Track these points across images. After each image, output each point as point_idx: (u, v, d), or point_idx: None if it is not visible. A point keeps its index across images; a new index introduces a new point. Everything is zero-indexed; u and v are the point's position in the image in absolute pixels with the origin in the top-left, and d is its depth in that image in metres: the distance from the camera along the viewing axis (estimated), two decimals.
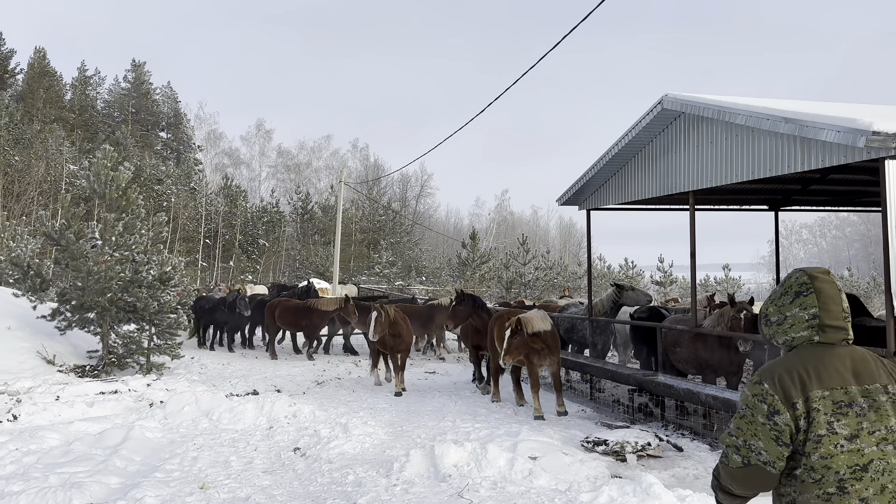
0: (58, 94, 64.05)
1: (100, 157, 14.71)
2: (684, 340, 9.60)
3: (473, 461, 6.74)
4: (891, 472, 2.42)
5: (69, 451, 7.81)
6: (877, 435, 2.43)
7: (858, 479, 2.39)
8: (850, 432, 2.42)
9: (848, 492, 2.38)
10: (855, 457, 2.41)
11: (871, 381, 2.51)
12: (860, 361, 2.56)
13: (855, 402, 2.46)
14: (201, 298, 19.79)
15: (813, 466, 2.42)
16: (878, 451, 2.42)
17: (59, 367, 13.55)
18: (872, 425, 2.44)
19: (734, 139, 8.83)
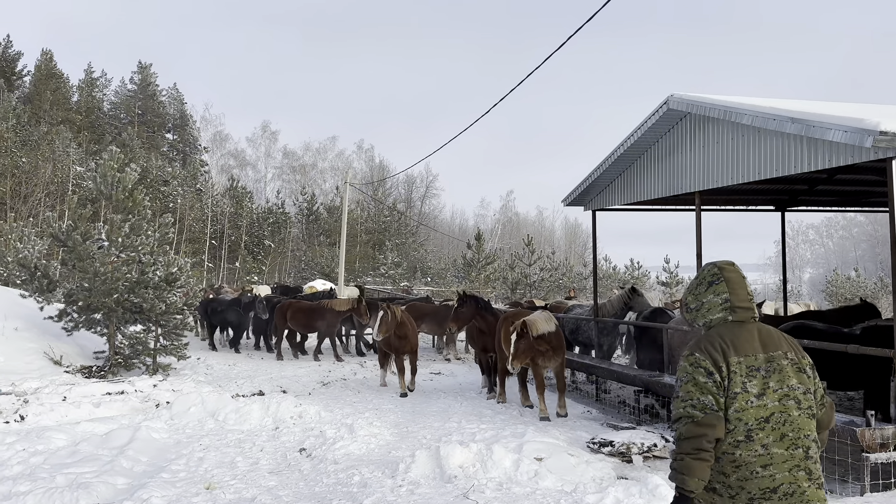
0: (65, 96, 64.38)
1: (106, 158, 14.77)
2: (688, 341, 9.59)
3: (479, 462, 6.74)
4: (790, 423, 2.97)
5: (76, 451, 7.84)
6: (779, 392, 3.00)
7: (762, 428, 2.95)
8: (758, 391, 2.99)
9: (752, 439, 2.94)
10: (761, 410, 2.96)
11: (775, 349, 3.09)
12: (766, 334, 3.14)
13: (762, 366, 3.03)
14: (213, 300, 19.75)
15: (728, 419, 2.97)
16: (780, 405, 2.99)
17: (66, 367, 13.60)
18: (776, 384, 3.01)
19: (740, 139, 8.80)
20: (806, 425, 3.03)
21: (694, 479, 2.93)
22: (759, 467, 2.94)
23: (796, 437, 2.99)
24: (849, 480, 6.85)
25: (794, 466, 2.97)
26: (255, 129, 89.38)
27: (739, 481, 2.97)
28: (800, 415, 3.01)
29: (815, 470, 3.04)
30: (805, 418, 3.03)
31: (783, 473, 2.95)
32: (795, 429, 2.99)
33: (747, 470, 2.95)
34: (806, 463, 3.00)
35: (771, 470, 2.95)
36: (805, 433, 3.02)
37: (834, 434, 6.72)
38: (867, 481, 6.31)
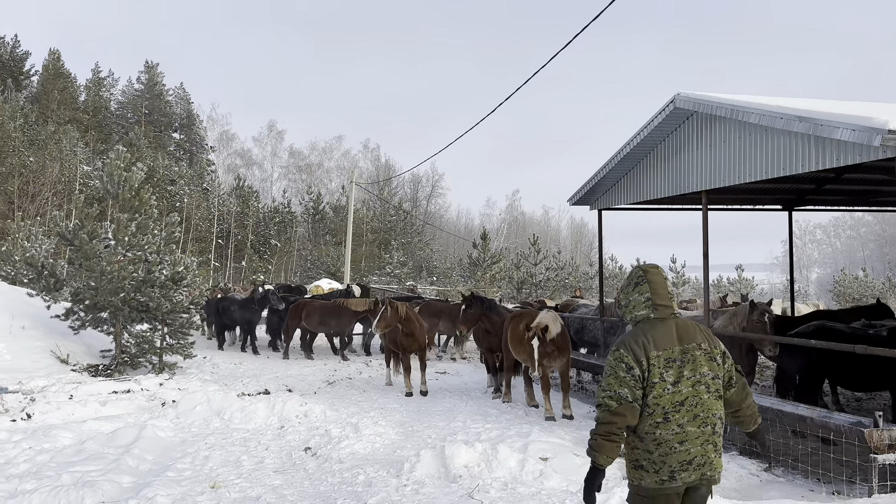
0: (72, 96, 64.65)
1: (113, 157, 14.81)
2: None
3: (484, 462, 6.72)
4: (701, 405, 3.51)
5: (82, 449, 7.86)
6: (692, 379, 3.53)
7: (677, 410, 3.48)
8: (674, 379, 3.50)
9: (670, 420, 3.47)
10: (676, 396, 3.49)
11: (689, 341, 3.58)
12: (683, 328, 3.63)
13: (678, 357, 3.53)
14: (223, 299, 19.61)
15: (647, 405, 3.50)
16: (693, 390, 3.52)
17: (73, 366, 13.64)
18: (689, 372, 3.53)
19: (747, 138, 8.75)
20: (714, 406, 3.57)
21: (603, 457, 3.52)
22: (677, 443, 3.48)
23: (706, 416, 3.53)
24: (856, 481, 6.81)
25: (705, 441, 3.52)
26: (261, 129, 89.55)
27: (662, 456, 3.49)
28: (709, 397, 3.55)
29: (719, 443, 3.62)
30: (713, 400, 3.57)
31: (696, 447, 3.50)
32: (705, 409, 3.53)
33: (667, 446, 3.49)
34: (713, 437, 3.56)
35: (686, 445, 3.49)
36: (713, 412, 3.56)
37: (841, 435, 6.68)
38: (875, 482, 6.27)
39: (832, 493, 6.71)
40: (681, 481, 3.49)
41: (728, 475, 7.45)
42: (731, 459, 7.91)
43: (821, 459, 7.32)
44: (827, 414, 7.25)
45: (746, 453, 8.16)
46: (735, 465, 7.70)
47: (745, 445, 8.37)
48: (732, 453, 8.19)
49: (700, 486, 3.58)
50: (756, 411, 3.87)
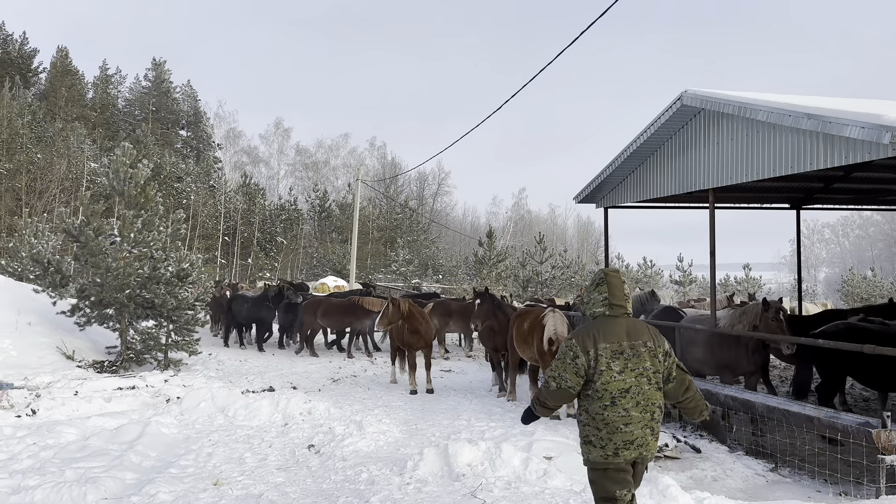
0: (80, 93, 64.86)
1: (118, 154, 14.83)
2: (700, 340, 9.44)
3: (487, 460, 6.67)
4: (643, 394, 4.04)
5: (86, 446, 7.85)
6: (636, 371, 4.06)
7: (623, 396, 4.02)
8: (620, 369, 4.03)
9: (616, 404, 4.01)
10: (621, 384, 4.02)
11: (636, 338, 4.11)
12: (632, 326, 4.17)
13: (625, 351, 4.06)
14: (238, 296, 19.39)
15: (597, 389, 4.04)
16: (636, 380, 4.05)
17: (79, 362, 13.66)
18: (634, 365, 4.06)
19: (755, 136, 8.68)
20: (654, 396, 4.11)
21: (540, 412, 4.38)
22: (622, 425, 4.01)
23: (646, 404, 4.07)
24: (864, 482, 6.74)
25: (645, 425, 4.06)
26: (268, 126, 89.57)
27: (609, 434, 4.03)
28: (650, 388, 4.08)
29: (657, 428, 4.15)
30: (654, 391, 4.10)
31: (638, 430, 4.03)
32: (646, 398, 4.06)
33: (614, 426, 4.02)
34: (651, 423, 4.09)
35: (630, 427, 4.02)
36: (653, 401, 4.10)
37: (849, 435, 6.61)
38: (883, 483, 6.20)
39: (839, 493, 6.65)
40: (622, 458, 4.03)
41: (734, 475, 7.41)
42: (738, 459, 7.86)
43: (828, 460, 7.26)
44: (834, 414, 7.18)
45: (752, 453, 8.10)
46: (741, 466, 7.64)
47: (751, 445, 8.32)
48: (738, 453, 8.13)
49: (638, 463, 4.16)
50: (701, 403, 4.36)
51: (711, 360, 9.35)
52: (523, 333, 10.50)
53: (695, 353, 9.57)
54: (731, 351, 9.02)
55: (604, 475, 4.09)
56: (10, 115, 42.28)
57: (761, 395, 8.56)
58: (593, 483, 4.21)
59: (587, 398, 4.12)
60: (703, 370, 9.75)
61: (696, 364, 9.66)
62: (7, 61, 61.71)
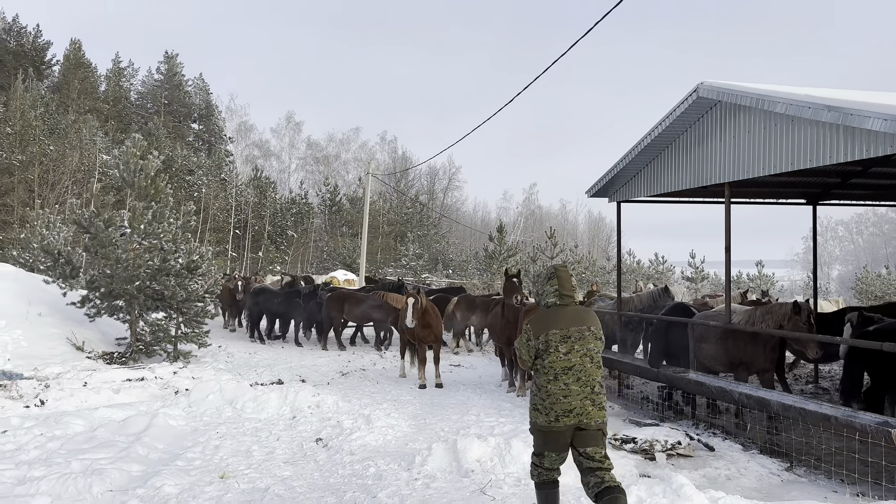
0: (92, 86, 65.10)
1: (129, 145, 14.80)
2: (715, 336, 9.27)
3: (497, 456, 6.56)
4: (584, 371, 4.73)
5: (93, 437, 7.81)
6: (580, 352, 4.76)
7: (566, 373, 4.72)
8: (566, 350, 4.75)
9: (558, 379, 4.71)
10: (565, 362, 4.73)
11: (581, 324, 4.83)
12: (579, 314, 4.91)
13: (572, 335, 4.77)
14: (265, 290, 19.15)
15: (544, 366, 4.77)
16: (579, 360, 4.75)
17: (88, 353, 13.66)
18: (580, 347, 4.77)
19: (773, 128, 8.49)
20: (594, 372, 4.79)
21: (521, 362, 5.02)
22: (562, 397, 4.70)
23: (587, 379, 4.75)
24: (882, 483, 6.59)
25: (585, 397, 4.72)
26: (279, 120, 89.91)
27: (551, 404, 4.73)
28: (591, 366, 4.78)
29: (597, 399, 4.77)
30: (595, 368, 4.80)
31: (577, 401, 4.71)
32: (587, 374, 4.75)
33: (555, 398, 4.71)
34: (591, 395, 4.74)
35: (570, 398, 4.70)
36: (593, 377, 4.77)
37: (867, 435, 6.45)
38: None
39: (856, 494, 6.50)
40: (563, 423, 4.68)
41: (748, 474, 7.27)
42: (752, 458, 7.71)
43: (845, 459, 7.10)
44: (852, 413, 7.02)
45: (767, 452, 7.95)
46: (755, 465, 7.50)
47: (765, 444, 8.17)
48: (752, 451, 7.99)
49: (586, 428, 4.72)
50: None
51: (726, 357, 9.18)
52: None
53: (707, 349, 9.41)
54: (748, 348, 8.85)
55: (543, 436, 4.81)
56: (23, 106, 42.47)
57: (776, 392, 8.40)
58: (533, 441, 4.96)
59: (537, 373, 4.86)
60: (715, 367, 9.59)
61: (708, 361, 9.49)
62: (21, 54, 62.05)
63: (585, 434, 4.70)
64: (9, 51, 61.26)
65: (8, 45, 62.00)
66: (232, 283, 21.55)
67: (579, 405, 4.66)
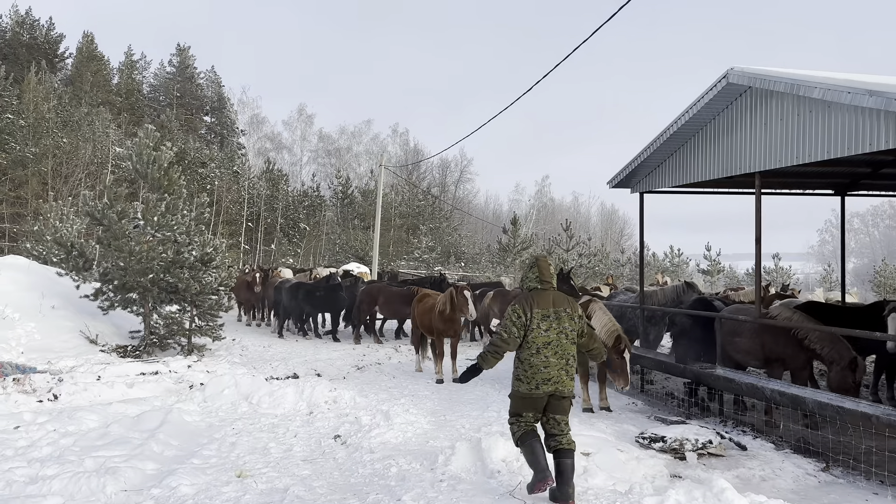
0: (105, 78, 65.11)
1: (141, 136, 14.63)
2: (748, 331, 8.94)
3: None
4: (561, 346, 5.45)
5: (106, 433, 7.63)
6: (557, 329, 5.47)
7: (545, 346, 5.43)
8: (546, 328, 5.44)
9: (540, 352, 5.41)
10: (545, 338, 5.43)
11: (559, 306, 5.53)
12: (557, 297, 5.59)
13: (550, 315, 5.47)
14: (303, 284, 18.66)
15: (528, 340, 5.45)
16: (556, 336, 5.46)
17: (102, 346, 13.54)
18: (556, 325, 5.47)
19: (807, 115, 8.15)
20: (569, 348, 5.53)
21: (487, 365, 5.67)
22: (542, 367, 5.42)
23: (563, 353, 5.48)
24: None
25: (560, 368, 5.46)
26: (291, 113, 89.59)
27: (532, 375, 5.45)
28: (566, 342, 5.50)
29: (571, 370, 5.55)
30: (569, 343, 5.52)
31: (554, 371, 5.44)
32: (563, 349, 5.47)
33: (536, 369, 5.43)
34: (566, 367, 5.49)
35: (548, 369, 5.42)
36: (568, 351, 5.50)
37: None
38: None
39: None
40: (542, 391, 5.45)
41: (783, 475, 6.98)
42: (786, 458, 7.43)
43: (885, 460, 6.80)
44: (893, 412, 6.72)
45: (800, 451, 7.67)
46: (790, 465, 7.21)
47: (798, 443, 7.88)
48: (785, 451, 7.71)
49: (558, 395, 5.50)
50: (601, 351, 6.08)
51: (762, 352, 8.86)
52: None
53: (741, 344, 9.09)
54: (788, 344, 8.52)
55: (522, 401, 5.55)
56: (36, 99, 42.51)
57: (810, 389, 8.10)
58: (511, 405, 5.68)
59: (520, 348, 5.54)
60: (749, 362, 9.28)
61: (741, 356, 9.18)
62: (34, 47, 62.13)
63: (558, 401, 5.49)
64: (22, 44, 61.37)
65: (21, 38, 62.11)
66: (250, 277, 21.31)
67: (556, 375, 5.44)
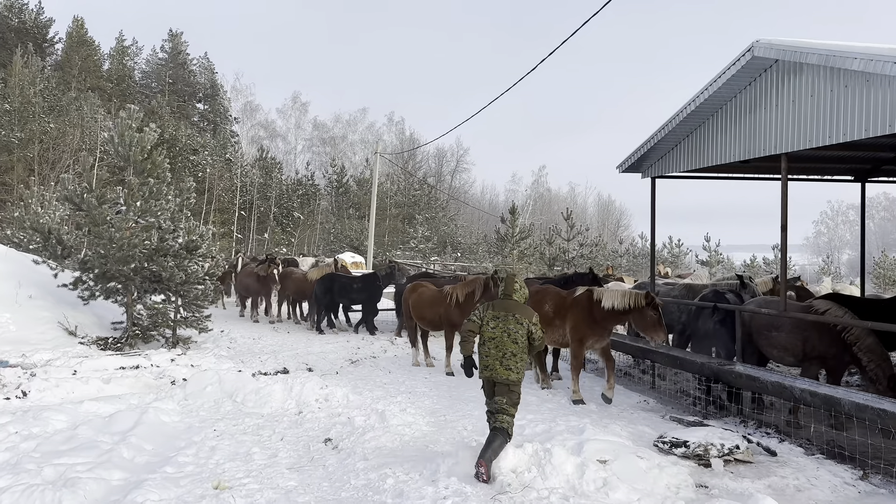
0: (96, 64, 63.91)
1: (124, 117, 13.82)
2: (788, 326, 8.23)
3: (535, 466, 5.64)
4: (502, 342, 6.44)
5: (74, 436, 6.94)
6: (501, 328, 6.48)
7: (490, 341, 6.49)
8: (493, 326, 6.51)
9: (486, 345, 6.51)
10: (492, 334, 6.49)
11: (510, 311, 6.54)
12: (511, 305, 6.60)
13: (500, 316, 6.54)
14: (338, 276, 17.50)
15: (482, 334, 6.57)
16: (500, 334, 6.46)
17: (81, 338, 12.81)
18: (502, 325, 6.49)
19: (842, 90, 7.46)
20: (508, 345, 6.39)
21: (466, 350, 6.65)
22: (485, 356, 6.47)
23: (502, 347, 6.40)
24: None
25: (495, 359, 6.39)
26: (285, 100, 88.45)
27: (482, 361, 6.51)
28: (507, 339, 6.40)
29: (505, 362, 6.37)
30: (510, 342, 6.40)
31: (492, 361, 6.41)
32: (503, 344, 6.40)
33: (484, 356, 6.49)
34: (503, 359, 6.37)
35: (488, 359, 6.43)
36: (507, 347, 6.39)
37: None
38: None
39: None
40: (484, 376, 6.48)
41: (820, 484, 6.34)
42: (820, 465, 6.79)
43: None
44: None
45: (833, 456, 7.03)
46: (826, 473, 6.57)
47: (828, 446, 7.25)
48: (817, 456, 7.07)
49: (494, 381, 6.40)
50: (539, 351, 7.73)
51: (802, 349, 8.16)
52: (548, 317, 9.69)
53: (779, 339, 8.34)
54: (835, 341, 7.82)
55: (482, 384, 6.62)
56: (22, 83, 41.45)
57: (842, 389, 7.43)
58: None
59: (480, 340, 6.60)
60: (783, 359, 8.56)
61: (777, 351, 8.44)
62: (23, 31, 60.83)
63: (498, 385, 6.39)
64: (10, 28, 60.11)
65: (10, 21, 60.85)
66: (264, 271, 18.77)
67: (493, 364, 6.39)
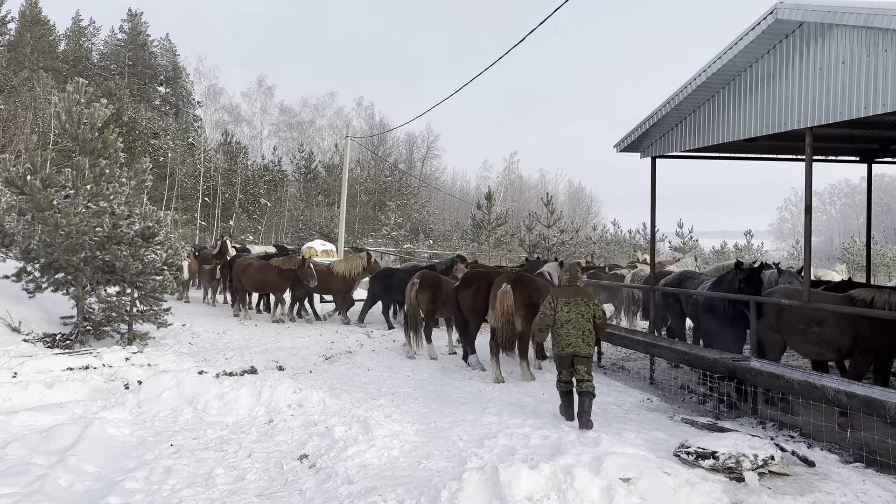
0: (50, 45, 61.15)
1: (71, 90, 12.54)
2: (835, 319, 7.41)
3: (555, 492, 4.75)
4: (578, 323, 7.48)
5: (1, 457, 5.85)
6: (575, 311, 7.53)
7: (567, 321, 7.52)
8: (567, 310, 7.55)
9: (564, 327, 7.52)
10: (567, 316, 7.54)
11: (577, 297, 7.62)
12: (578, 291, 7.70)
13: (570, 301, 7.60)
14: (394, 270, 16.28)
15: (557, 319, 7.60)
16: (575, 316, 7.52)
17: (26, 335, 11.60)
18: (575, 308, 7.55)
19: (882, 55, 6.66)
20: (584, 324, 7.44)
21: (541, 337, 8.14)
22: (564, 335, 7.42)
23: (580, 326, 7.42)
24: None
25: (577, 337, 7.40)
26: (250, 84, 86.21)
27: (558, 341, 7.49)
28: (582, 320, 7.44)
29: (586, 338, 7.42)
30: (584, 321, 7.44)
31: (573, 339, 7.39)
32: (580, 324, 7.42)
33: (560, 337, 7.46)
34: (583, 336, 7.42)
35: (568, 338, 7.40)
36: (584, 326, 7.43)
37: None
38: None
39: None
40: (566, 352, 7.41)
41: (870, 501, 5.57)
42: (866, 478, 6.04)
43: None
44: None
45: (874, 464, 6.29)
46: (874, 487, 5.82)
47: (863, 452, 6.51)
48: (855, 465, 6.33)
49: (577, 355, 7.39)
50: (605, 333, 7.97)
51: (852, 343, 7.33)
52: None
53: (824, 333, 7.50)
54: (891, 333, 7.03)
55: (558, 360, 7.51)
56: None
57: (879, 389, 6.68)
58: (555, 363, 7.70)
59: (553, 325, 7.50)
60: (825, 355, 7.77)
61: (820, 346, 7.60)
62: None
63: (579, 358, 7.30)
64: None
65: None
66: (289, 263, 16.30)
67: (574, 342, 7.30)
